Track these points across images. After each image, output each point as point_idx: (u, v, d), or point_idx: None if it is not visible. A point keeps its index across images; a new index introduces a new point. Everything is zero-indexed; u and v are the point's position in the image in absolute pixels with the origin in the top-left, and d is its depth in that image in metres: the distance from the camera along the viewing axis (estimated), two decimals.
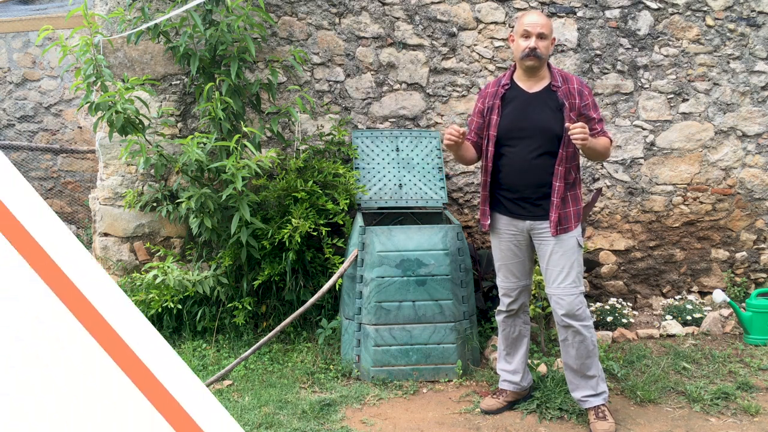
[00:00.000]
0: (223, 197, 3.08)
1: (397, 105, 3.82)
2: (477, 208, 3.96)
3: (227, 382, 3.02)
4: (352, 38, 3.74)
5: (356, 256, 3.09)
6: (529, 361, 2.95)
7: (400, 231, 3.09)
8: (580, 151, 2.43)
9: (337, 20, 3.73)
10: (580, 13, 3.78)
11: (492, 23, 3.77)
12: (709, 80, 3.82)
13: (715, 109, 3.84)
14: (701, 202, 3.89)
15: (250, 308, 3.40)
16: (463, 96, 3.83)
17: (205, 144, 3.22)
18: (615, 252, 3.96)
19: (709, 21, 3.78)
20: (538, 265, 3.09)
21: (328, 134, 3.73)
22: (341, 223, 3.38)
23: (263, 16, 3.45)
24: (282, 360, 3.25)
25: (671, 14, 3.77)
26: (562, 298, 2.43)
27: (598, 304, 3.73)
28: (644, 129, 3.87)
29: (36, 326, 0.78)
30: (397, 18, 3.74)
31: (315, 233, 3.35)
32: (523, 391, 2.72)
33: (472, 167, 3.90)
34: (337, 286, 3.22)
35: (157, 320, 3.47)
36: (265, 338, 3.03)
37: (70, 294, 0.79)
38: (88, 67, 3.15)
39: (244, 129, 3.16)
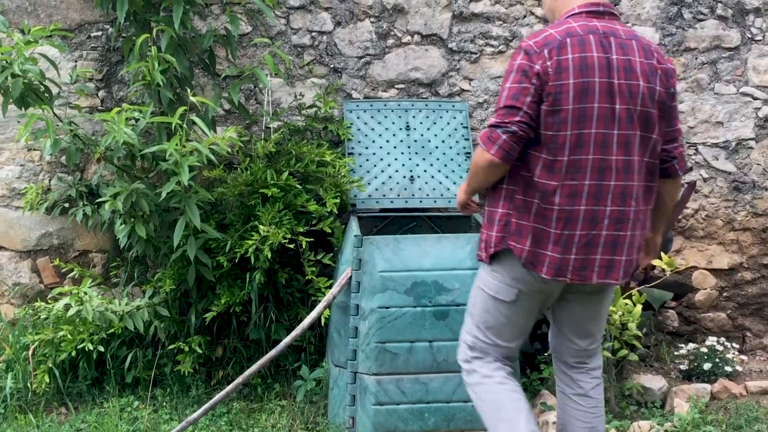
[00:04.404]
0: (163, 195, 3.08)
1: (408, 65, 3.82)
2: None
3: None
4: None
5: (350, 278, 3.09)
6: None
7: (412, 243, 3.09)
8: None
9: None
10: None
11: None
12: None
13: None
14: None
15: (200, 351, 3.39)
16: (501, 52, 3.82)
17: (137, 121, 3.21)
18: (715, 272, 3.95)
19: None
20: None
21: (311, 106, 3.72)
22: (329, 231, 3.38)
23: None
24: (246, 424, 3.24)
25: None
26: None
27: (691, 346, 3.72)
28: (755, 98, 3.86)
29: None
30: None
31: (292, 246, 3.34)
32: None
33: None
34: (322, 321, 3.22)
35: (70, 368, 3.47)
36: (222, 394, 3.01)
37: None
38: None
39: (192, 99, 3.15)
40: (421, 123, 3.69)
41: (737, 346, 3.82)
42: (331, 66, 3.81)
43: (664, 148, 2.26)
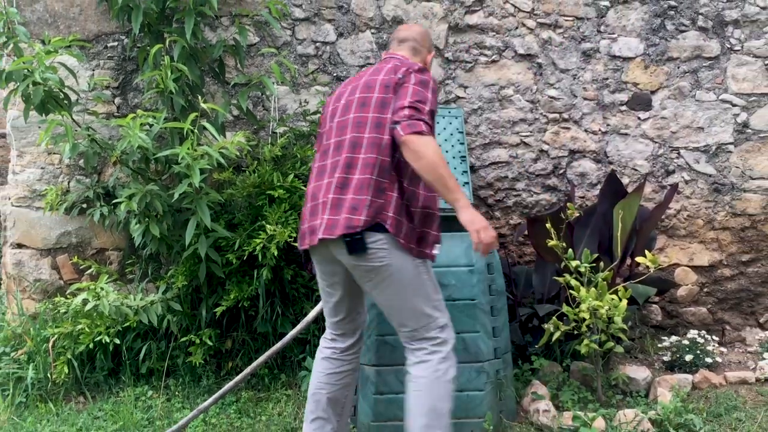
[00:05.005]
0: (176, 196, 3.10)
1: None
2: (512, 209, 3.97)
3: None
4: None
5: None
6: (582, 413, 2.96)
7: None
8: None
9: None
10: None
11: None
12: None
13: None
14: None
15: (210, 343, 3.42)
16: (494, 62, 3.85)
17: (151, 126, 3.24)
18: (696, 269, 3.98)
19: None
20: (583, 287, 3.09)
21: (315, 113, 3.76)
22: None
23: None
24: (253, 412, 3.27)
25: None
26: None
27: (674, 338, 3.75)
28: (734, 105, 3.89)
29: None
30: None
31: (297, 244, 3.36)
32: None
33: (505, 156, 3.91)
34: None
35: (87, 359, 3.51)
36: (231, 383, 3.03)
37: None
38: None
39: (203, 106, 3.18)
40: None
41: (717, 338, 3.85)
42: (334, 74, 3.84)
43: (392, 119, 2.43)
